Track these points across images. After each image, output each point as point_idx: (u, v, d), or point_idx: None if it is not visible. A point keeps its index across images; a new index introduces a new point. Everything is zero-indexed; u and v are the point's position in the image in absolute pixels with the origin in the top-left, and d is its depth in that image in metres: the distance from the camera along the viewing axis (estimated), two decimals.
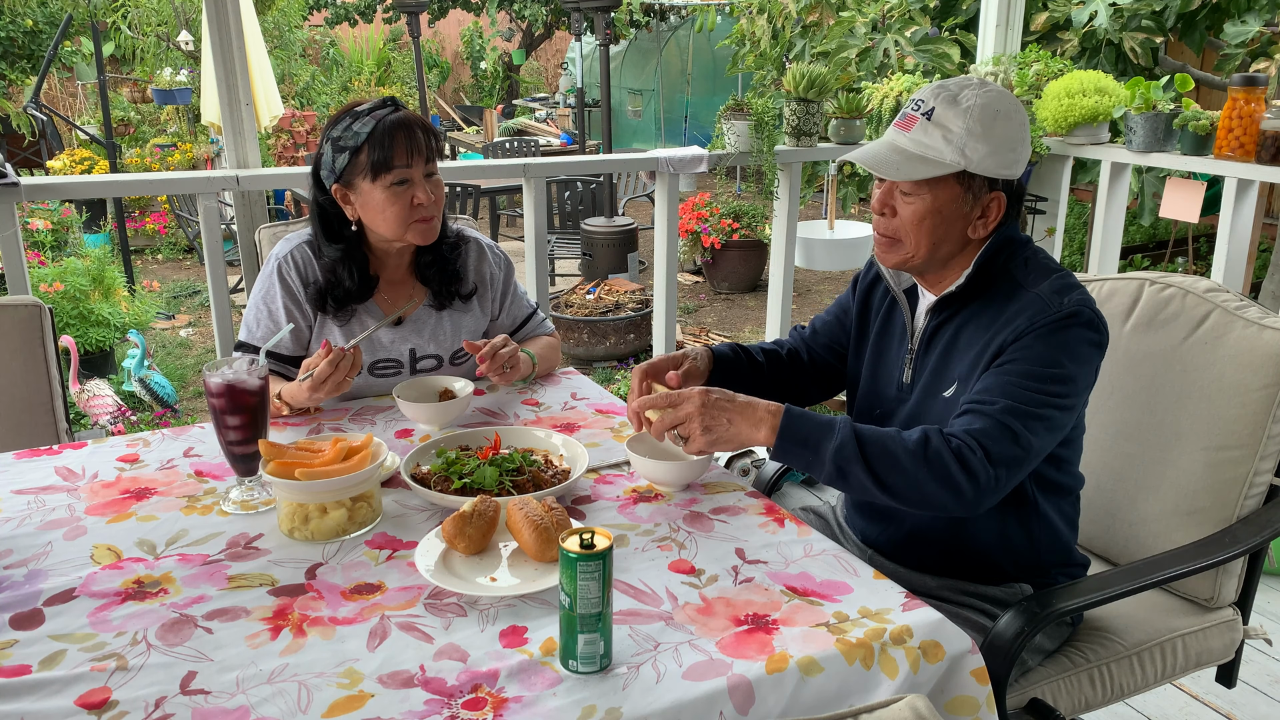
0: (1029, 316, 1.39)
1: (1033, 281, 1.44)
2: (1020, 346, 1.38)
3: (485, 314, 1.95)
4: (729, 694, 1.04)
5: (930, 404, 1.51)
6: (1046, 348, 1.37)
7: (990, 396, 1.37)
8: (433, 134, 1.75)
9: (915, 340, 1.56)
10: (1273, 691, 2.33)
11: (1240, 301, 1.66)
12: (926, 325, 1.54)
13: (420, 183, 1.72)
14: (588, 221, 6.42)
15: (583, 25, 7.40)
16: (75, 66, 10.02)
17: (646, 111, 11.95)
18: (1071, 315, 1.39)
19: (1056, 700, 1.50)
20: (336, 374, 1.63)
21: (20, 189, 2.44)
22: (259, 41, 5.58)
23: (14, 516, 1.40)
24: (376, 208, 1.72)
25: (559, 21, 12.97)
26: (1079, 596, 1.44)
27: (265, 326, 1.79)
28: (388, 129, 1.69)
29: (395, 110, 1.72)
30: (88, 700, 1.01)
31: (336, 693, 1.02)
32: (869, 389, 1.65)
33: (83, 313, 4.80)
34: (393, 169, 1.69)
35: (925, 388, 1.52)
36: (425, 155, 1.72)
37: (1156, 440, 1.70)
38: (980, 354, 1.44)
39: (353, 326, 1.82)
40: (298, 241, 1.83)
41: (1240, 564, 1.64)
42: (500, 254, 1.99)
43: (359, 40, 13.06)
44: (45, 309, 1.96)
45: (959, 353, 1.48)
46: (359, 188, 1.72)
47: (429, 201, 1.73)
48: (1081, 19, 4.26)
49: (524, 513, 1.24)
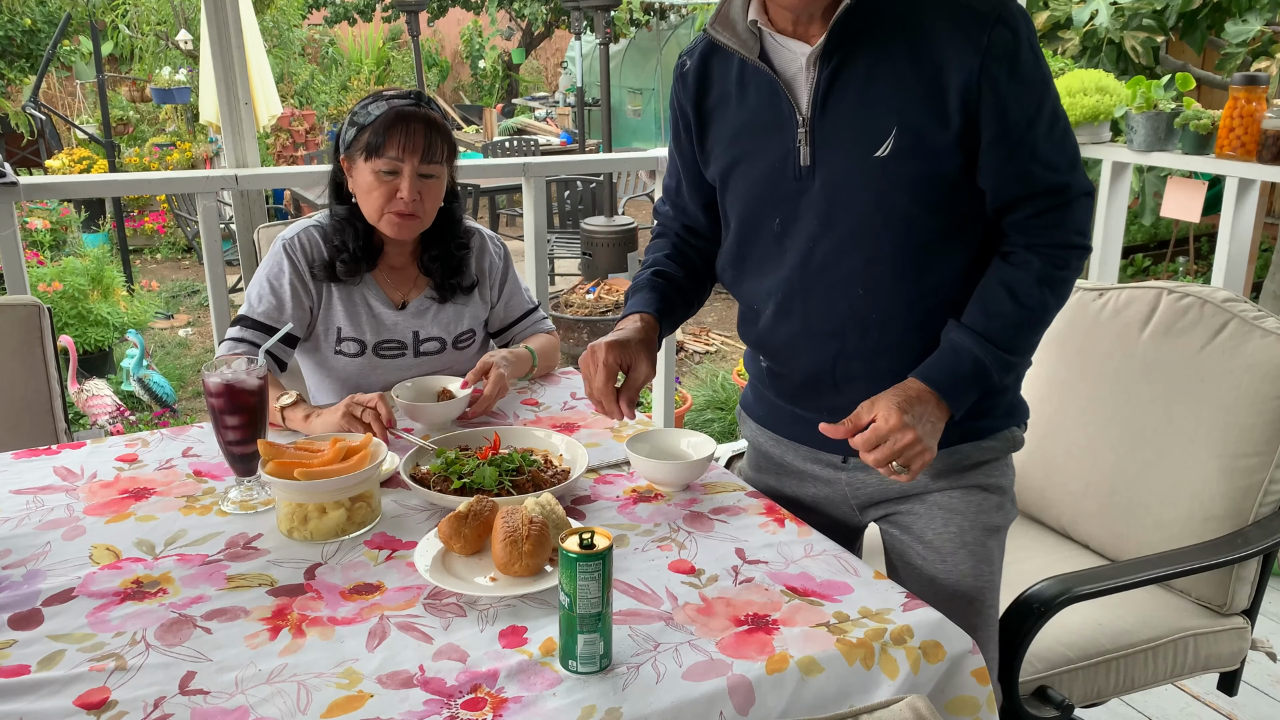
0: (967, 35, 1.21)
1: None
2: (990, 92, 1.22)
3: (486, 303, 1.97)
4: (729, 694, 1.03)
5: (855, 173, 1.28)
6: (1023, 78, 1.23)
7: (1022, 182, 1.26)
8: (441, 137, 1.75)
9: (805, 107, 1.30)
10: (1274, 692, 2.33)
11: (1258, 312, 1.67)
12: (815, 83, 1.28)
13: (409, 178, 1.72)
14: (587, 221, 6.41)
15: (582, 24, 7.39)
16: (74, 66, 10.01)
17: (646, 110, 11.94)
18: (1007, 11, 1.23)
19: (1071, 688, 1.52)
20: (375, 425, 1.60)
21: (19, 188, 2.43)
22: (258, 40, 5.57)
23: (12, 516, 1.40)
24: (364, 188, 1.75)
25: (559, 20, 12.97)
26: (1094, 582, 1.48)
27: (268, 303, 1.79)
28: (393, 117, 1.71)
29: (415, 104, 1.74)
30: (86, 700, 1.01)
31: (336, 693, 1.02)
32: (751, 199, 1.39)
33: (81, 312, 4.79)
34: (383, 155, 1.71)
35: (841, 158, 1.29)
36: (422, 154, 1.72)
37: (1173, 447, 1.71)
38: (920, 90, 1.24)
39: (356, 305, 1.83)
40: (305, 225, 1.86)
41: (1253, 571, 1.66)
42: (499, 243, 2.00)
43: (358, 39, 13.05)
44: (44, 309, 1.95)
45: (879, 99, 1.26)
46: (356, 164, 1.75)
47: (410, 199, 1.72)
48: (1082, 18, 4.26)
49: (504, 521, 1.23)
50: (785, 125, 1.32)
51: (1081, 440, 1.84)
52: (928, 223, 1.30)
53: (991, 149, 1.26)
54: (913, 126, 1.25)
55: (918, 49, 1.24)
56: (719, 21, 1.33)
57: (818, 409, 1.43)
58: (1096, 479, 1.81)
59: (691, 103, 1.44)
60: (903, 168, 1.26)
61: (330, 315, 1.83)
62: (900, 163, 1.26)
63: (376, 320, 1.85)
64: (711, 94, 1.42)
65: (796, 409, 1.48)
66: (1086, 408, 1.84)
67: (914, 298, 1.32)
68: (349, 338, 1.83)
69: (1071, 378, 1.88)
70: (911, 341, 1.34)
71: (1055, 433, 1.89)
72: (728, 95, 1.40)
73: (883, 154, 1.26)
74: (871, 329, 1.34)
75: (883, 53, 1.25)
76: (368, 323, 1.84)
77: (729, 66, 1.39)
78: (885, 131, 1.26)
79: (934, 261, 1.32)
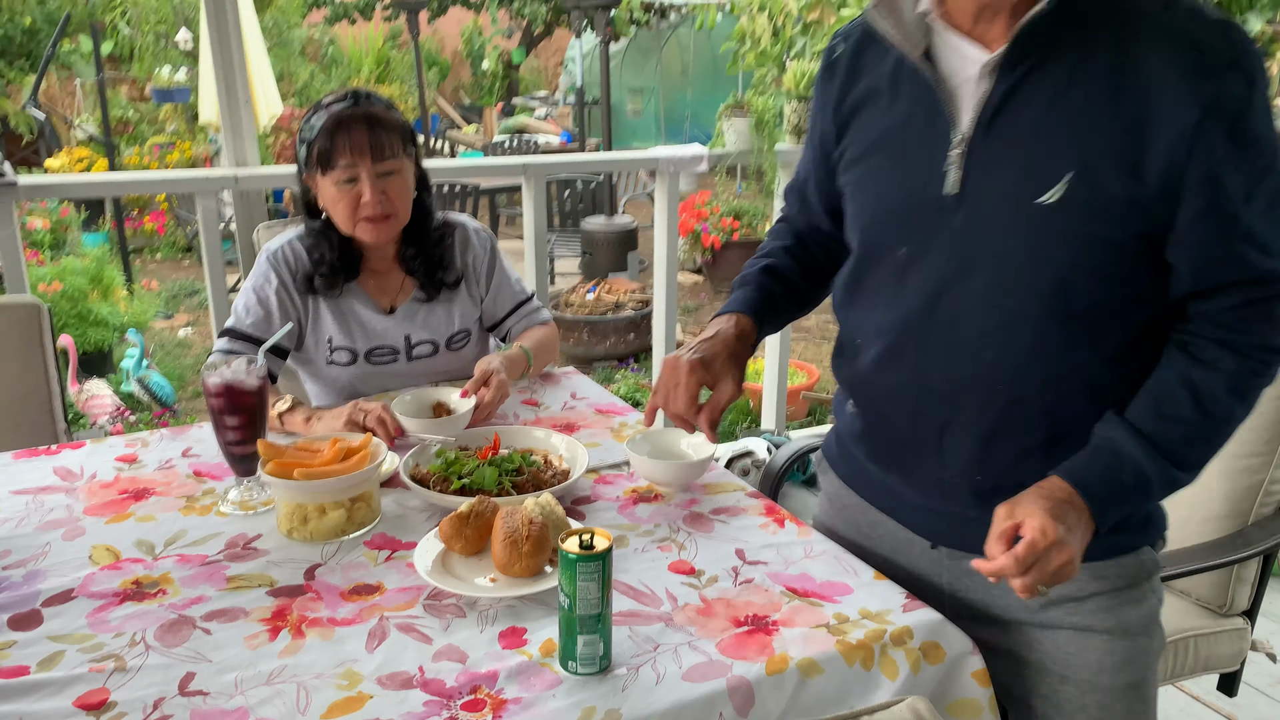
0: (1188, 80, 0.98)
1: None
2: (1205, 156, 1.00)
3: (475, 300, 1.94)
4: (729, 695, 1.03)
5: (1010, 216, 1.06)
6: (1249, 140, 1.00)
7: (1228, 267, 1.03)
8: (388, 129, 1.70)
9: (967, 123, 1.08)
10: (1274, 693, 2.33)
11: None
12: (986, 97, 1.07)
13: (368, 182, 1.69)
14: (588, 221, 6.41)
15: (583, 23, 7.39)
16: (74, 65, 10.00)
17: (646, 110, 11.94)
18: (1245, 56, 0.99)
19: None
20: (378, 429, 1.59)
21: (18, 188, 2.43)
22: (258, 40, 5.58)
23: (12, 517, 1.39)
24: (330, 201, 1.73)
25: (559, 19, 12.97)
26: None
27: (256, 314, 1.79)
28: (334, 125, 1.68)
29: (353, 105, 1.70)
30: (86, 701, 1.01)
31: (335, 694, 1.02)
32: (879, 218, 1.19)
33: (81, 312, 4.79)
34: (336, 166, 1.68)
35: (997, 194, 1.07)
36: (373, 154, 1.68)
37: None
38: (1113, 133, 1.01)
39: (345, 314, 1.82)
40: (290, 237, 1.84)
41: (1253, 572, 1.66)
42: (485, 235, 1.95)
43: (358, 38, 13.04)
44: (44, 309, 1.95)
45: (1057, 132, 1.04)
46: (317, 179, 1.73)
47: (375, 201, 1.70)
48: None
49: (504, 523, 1.23)
50: (938, 141, 1.11)
51: None
52: (1088, 292, 1.07)
53: (1195, 224, 1.03)
54: (1093, 175, 1.02)
55: (1121, 82, 1.01)
56: (883, 5, 1.12)
57: (910, 479, 1.24)
58: None
59: (836, 95, 1.23)
60: (1070, 222, 1.04)
61: (320, 325, 1.83)
62: (1068, 215, 1.04)
63: (366, 328, 1.84)
64: (858, 87, 1.21)
65: (888, 477, 1.28)
66: None
67: (1053, 375, 1.11)
68: (340, 347, 1.83)
69: None
70: (1039, 425, 1.13)
71: None
72: (876, 93, 1.19)
73: (1048, 200, 1.04)
74: (995, 402, 1.13)
75: (1076, 76, 1.03)
76: (357, 331, 1.83)
77: (884, 59, 1.18)
78: (1057, 174, 1.03)
79: (1086, 337, 1.09)
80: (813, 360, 5.20)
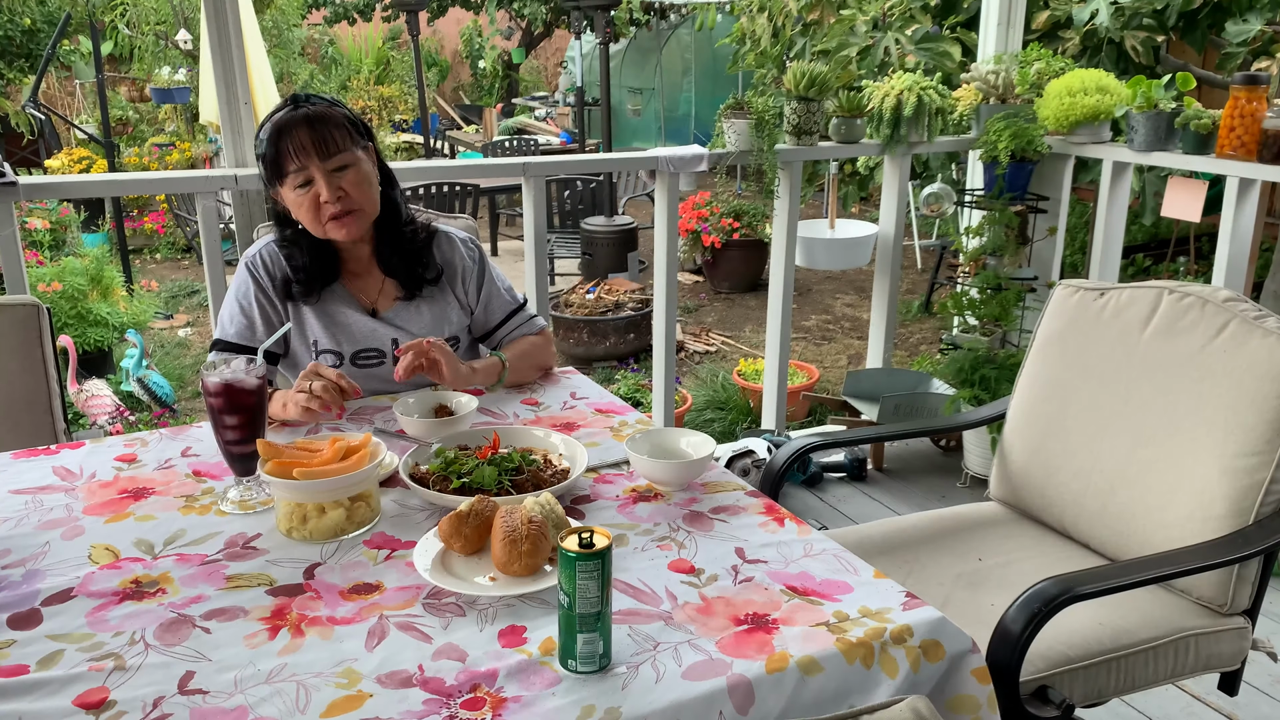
0: None
1: None
2: None
3: (465, 307, 1.93)
4: (728, 694, 1.03)
5: None
6: None
7: None
8: (330, 126, 1.69)
9: None
10: (1275, 692, 2.33)
11: (1259, 311, 1.67)
12: None
13: (322, 179, 1.69)
14: (587, 221, 6.41)
15: (582, 23, 7.39)
16: (73, 65, 10.01)
17: (646, 110, 11.94)
18: None
19: (1072, 688, 1.52)
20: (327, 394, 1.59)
21: (18, 188, 2.43)
22: (258, 40, 5.57)
23: (11, 516, 1.39)
24: (295, 209, 1.74)
25: (558, 20, 12.96)
26: (1096, 582, 1.47)
27: (239, 323, 1.79)
28: (276, 134, 1.69)
29: (292, 109, 1.70)
30: (85, 700, 1.01)
31: (335, 693, 1.02)
32: None
33: (81, 312, 4.79)
34: (288, 172, 1.69)
35: None
36: (319, 151, 1.68)
37: (1174, 447, 1.70)
38: None
39: (329, 316, 1.82)
40: (267, 240, 1.84)
41: (1254, 571, 1.66)
42: (473, 246, 1.95)
43: (358, 39, 13.05)
44: (43, 309, 1.95)
45: None
46: (279, 191, 1.74)
47: (333, 198, 1.70)
48: (1083, 17, 4.26)
49: (504, 522, 1.23)
50: None
51: (1082, 440, 1.84)
52: None
53: None
54: None
55: None
56: None
57: None
58: (1097, 479, 1.81)
59: None
60: None
61: (305, 328, 1.83)
62: None
63: (350, 330, 1.83)
64: None
65: None
66: (1087, 407, 1.84)
67: None
68: (325, 350, 1.83)
69: (1072, 377, 1.88)
70: None
71: (1056, 433, 1.89)
72: None
73: None
74: None
75: None
76: (342, 333, 1.83)
77: None
78: None
79: None
80: (813, 360, 5.20)
